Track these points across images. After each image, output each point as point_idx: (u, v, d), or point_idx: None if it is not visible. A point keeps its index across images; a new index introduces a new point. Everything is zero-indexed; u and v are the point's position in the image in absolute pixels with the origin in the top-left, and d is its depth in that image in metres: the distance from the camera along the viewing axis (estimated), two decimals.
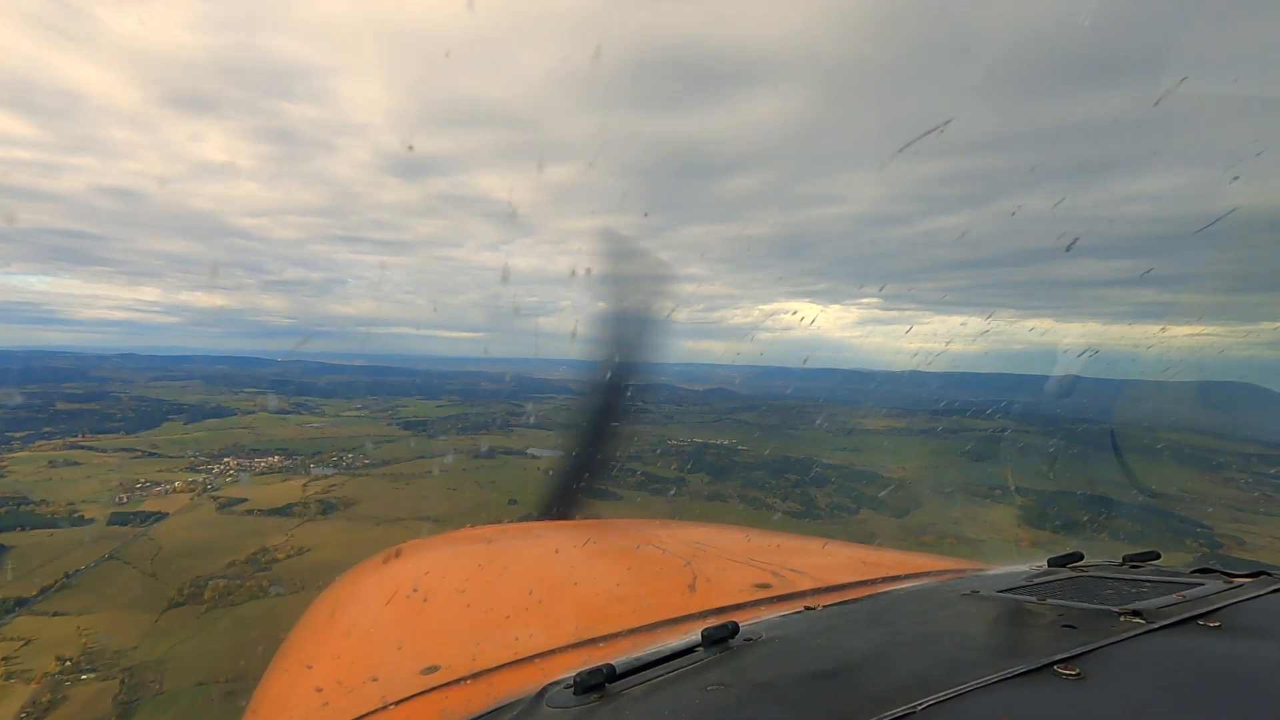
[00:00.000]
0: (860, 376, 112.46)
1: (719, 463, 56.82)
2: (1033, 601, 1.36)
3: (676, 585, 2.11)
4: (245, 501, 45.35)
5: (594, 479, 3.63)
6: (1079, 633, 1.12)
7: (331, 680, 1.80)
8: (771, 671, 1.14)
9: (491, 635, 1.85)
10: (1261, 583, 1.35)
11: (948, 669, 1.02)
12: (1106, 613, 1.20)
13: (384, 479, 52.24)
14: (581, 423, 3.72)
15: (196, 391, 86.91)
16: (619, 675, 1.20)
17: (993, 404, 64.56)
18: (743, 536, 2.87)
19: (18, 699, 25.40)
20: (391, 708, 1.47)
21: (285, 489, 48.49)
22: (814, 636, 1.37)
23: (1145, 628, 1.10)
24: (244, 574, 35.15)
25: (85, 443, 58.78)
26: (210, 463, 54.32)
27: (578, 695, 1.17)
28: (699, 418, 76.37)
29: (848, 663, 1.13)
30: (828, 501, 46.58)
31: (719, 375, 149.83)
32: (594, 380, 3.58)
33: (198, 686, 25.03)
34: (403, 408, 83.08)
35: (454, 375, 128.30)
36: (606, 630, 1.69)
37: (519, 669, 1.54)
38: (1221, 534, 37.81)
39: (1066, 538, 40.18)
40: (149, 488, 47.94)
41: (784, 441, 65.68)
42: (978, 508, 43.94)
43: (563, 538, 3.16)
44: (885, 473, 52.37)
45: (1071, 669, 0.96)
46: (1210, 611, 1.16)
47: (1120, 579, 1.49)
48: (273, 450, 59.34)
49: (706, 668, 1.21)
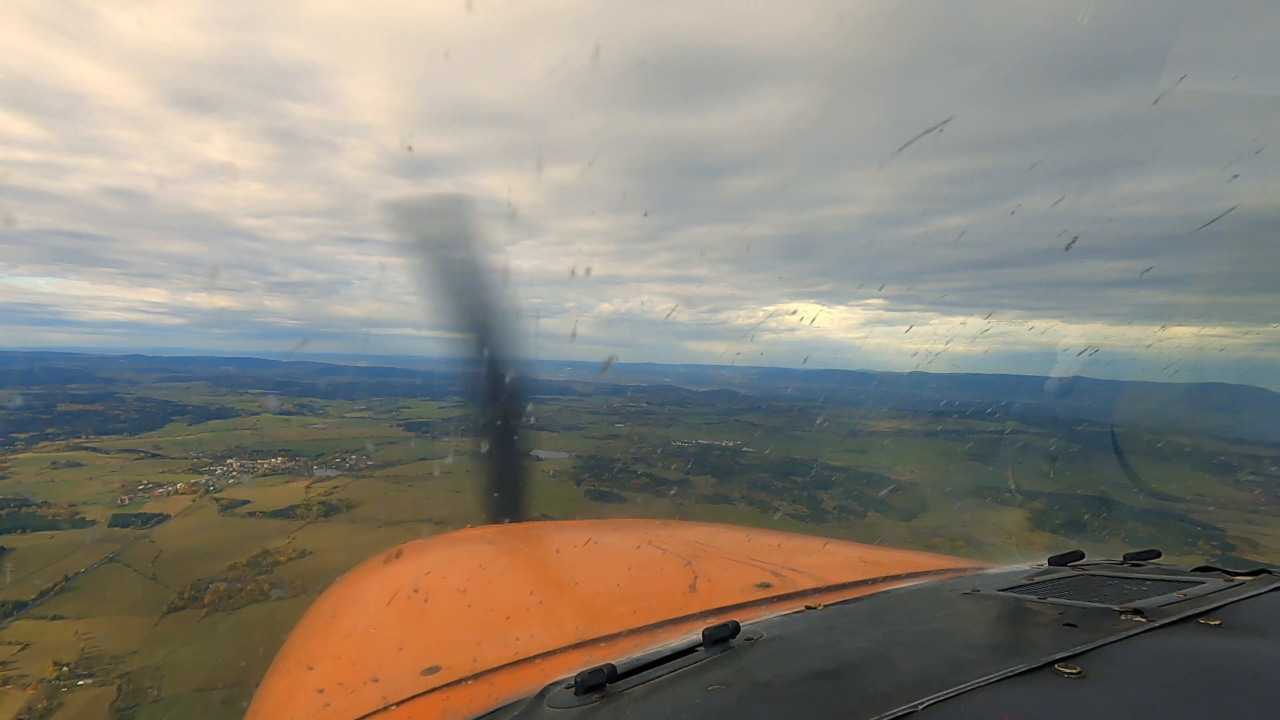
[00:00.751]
0: (864, 378, 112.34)
1: (723, 464, 56.59)
2: (1033, 600, 1.36)
3: (677, 585, 2.11)
4: (248, 503, 45.06)
5: (518, 475, 3.54)
6: (1080, 631, 1.12)
7: (332, 681, 1.80)
8: (773, 671, 1.14)
9: (493, 636, 1.84)
10: (1262, 581, 1.34)
11: (949, 668, 1.02)
12: (1107, 611, 1.20)
13: (387, 480, 52.02)
14: (480, 424, 3.62)
15: (201, 392, 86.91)
16: (620, 675, 1.20)
17: (997, 405, 64.45)
18: (743, 536, 2.86)
19: (13, 706, 25.08)
20: (393, 708, 1.47)
21: (288, 490, 48.26)
22: (815, 636, 1.37)
23: (1146, 626, 1.11)
24: (245, 577, 34.84)
25: (88, 444, 58.70)
26: (213, 464, 54.19)
27: (579, 695, 1.17)
28: (702, 419, 76.39)
29: (849, 662, 1.13)
30: (834, 504, 46.22)
31: (722, 377, 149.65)
32: (469, 375, 3.43)
33: (196, 693, 24.75)
34: (406, 409, 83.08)
35: (458, 376, 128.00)
36: (607, 630, 1.68)
37: (520, 669, 1.54)
38: (1234, 536, 37.42)
39: (1078, 541, 39.72)
40: (151, 489, 47.72)
41: (788, 443, 65.44)
42: (986, 510, 43.60)
43: (563, 538, 3.18)
44: (892, 475, 52.06)
45: (1072, 667, 0.96)
46: (1211, 610, 1.15)
47: (1121, 578, 1.48)
48: (276, 451, 59.19)
49: (708, 667, 1.22)
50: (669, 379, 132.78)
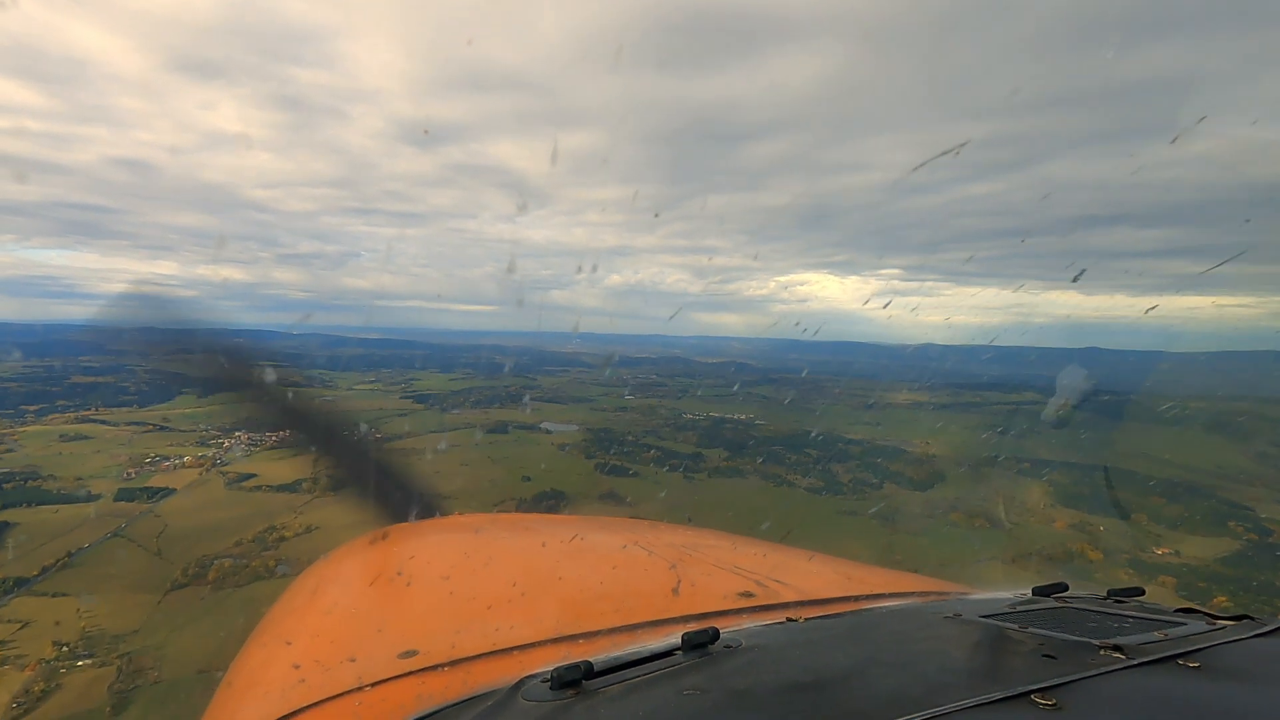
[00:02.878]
0: (877, 350, 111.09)
1: (736, 438, 55.88)
2: (1014, 629, 1.35)
3: (660, 587, 2.09)
4: (254, 477, 44.37)
5: (360, 468, 3.38)
6: (1058, 663, 1.12)
7: (309, 658, 1.81)
8: (749, 680, 1.15)
9: (472, 624, 1.83)
10: (1244, 626, 1.33)
11: (925, 690, 1.03)
12: (1087, 645, 1.20)
13: (395, 454, 51.39)
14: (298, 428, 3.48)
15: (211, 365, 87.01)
16: (597, 673, 1.21)
17: (1015, 378, 63.31)
18: (729, 544, 2.82)
19: (9, 688, 24.66)
20: (368, 689, 1.47)
21: (295, 464, 47.38)
22: (794, 648, 1.37)
23: (1125, 663, 1.10)
24: (250, 553, 34.32)
25: (97, 416, 58.56)
26: (221, 437, 53.71)
27: (554, 690, 1.18)
28: (714, 391, 75.88)
29: (826, 676, 1.14)
30: (850, 477, 45.33)
31: (733, 349, 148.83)
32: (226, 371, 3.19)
33: (198, 674, 24.26)
34: (416, 381, 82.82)
35: (468, 349, 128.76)
36: (587, 627, 1.67)
37: (497, 660, 1.53)
38: (1267, 518, 36.31)
39: (1102, 518, 38.90)
40: (158, 462, 47.32)
41: (802, 416, 64.74)
42: (1004, 483, 42.69)
43: (550, 532, 3.17)
44: (907, 447, 51.08)
45: (1048, 699, 0.96)
46: (1191, 651, 1.15)
47: (1103, 613, 1.47)
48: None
49: (685, 672, 1.23)
50: (679, 350, 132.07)
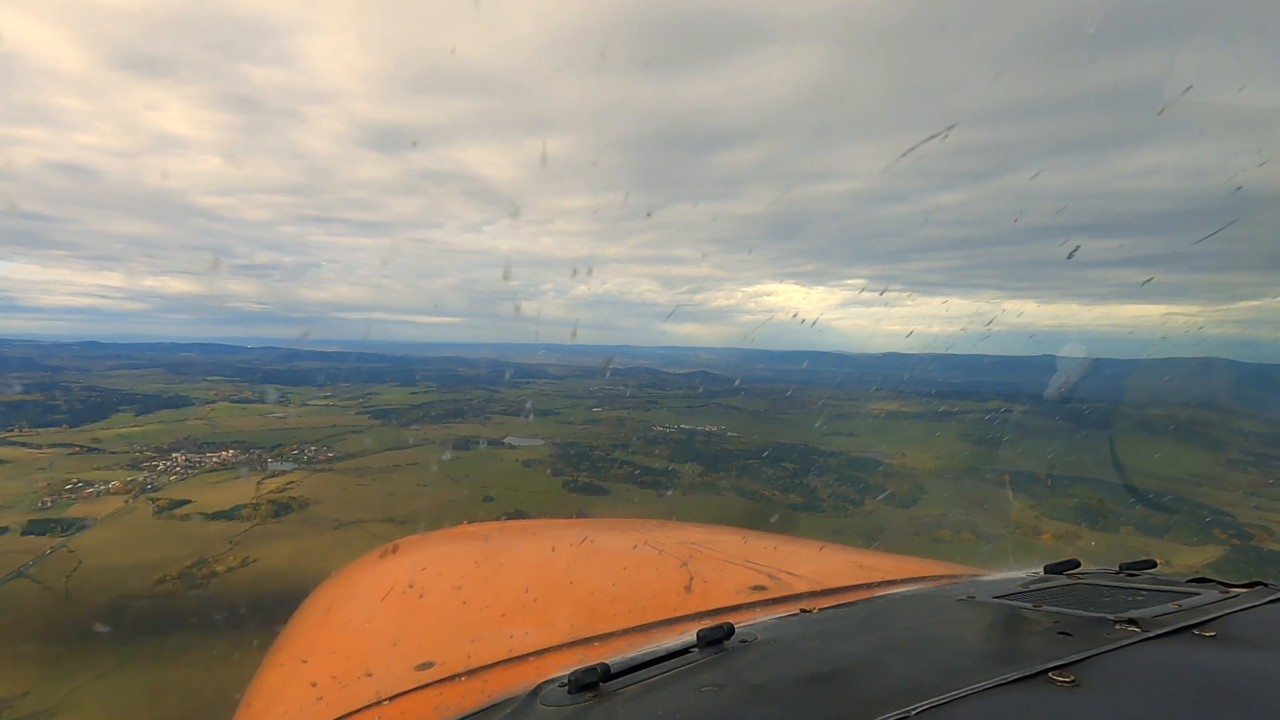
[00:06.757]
0: (841, 359, 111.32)
1: (710, 451, 54.12)
2: (1028, 608, 1.36)
3: (673, 586, 2.09)
4: (188, 503, 40.77)
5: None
6: (1074, 640, 1.12)
7: (326, 675, 1.81)
8: (766, 674, 1.15)
9: (487, 633, 1.83)
10: (1258, 593, 1.33)
11: (942, 674, 1.03)
12: (1102, 620, 1.21)
13: (348, 474, 47.91)
14: None
15: (156, 380, 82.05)
16: (614, 675, 1.21)
17: (979, 385, 63.31)
18: (739, 538, 2.80)
19: None
20: (386, 703, 1.47)
21: (236, 488, 43.87)
22: (809, 639, 1.38)
23: (1141, 636, 1.11)
24: (174, 593, 30.72)
25: (19, 437, 53.66)
26: (156, 459, 49.48)
27: (572, 694, 1.18)
28: (683, 402, 74.52)
29: (842, 666, 1.14)
30: (829, 492, 43.84)
31: (700, 359, 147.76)
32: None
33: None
34: (375, 395, 79.59)
35: (431, 361, 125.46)
36: (602, 629, 1.68)
37: (514, 667, 1.53)
38: (1248, 524, 36.06)
39: (1089, 529, 38.21)
40: (80, 489, 42.75)
41: (774, 427, 63.56)
42: (985, 495, 41.80)
43: (559, 536, 3.14)
44: (885, 459, 49.95)
45: (1066, 676, 0.97)
46: (1206, 621, 1.16)
47: (1116, 587, 1.47)
48: (228, 444, 54.74)
49: (701, 669, 1.23)
50: (646, 360, 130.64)
